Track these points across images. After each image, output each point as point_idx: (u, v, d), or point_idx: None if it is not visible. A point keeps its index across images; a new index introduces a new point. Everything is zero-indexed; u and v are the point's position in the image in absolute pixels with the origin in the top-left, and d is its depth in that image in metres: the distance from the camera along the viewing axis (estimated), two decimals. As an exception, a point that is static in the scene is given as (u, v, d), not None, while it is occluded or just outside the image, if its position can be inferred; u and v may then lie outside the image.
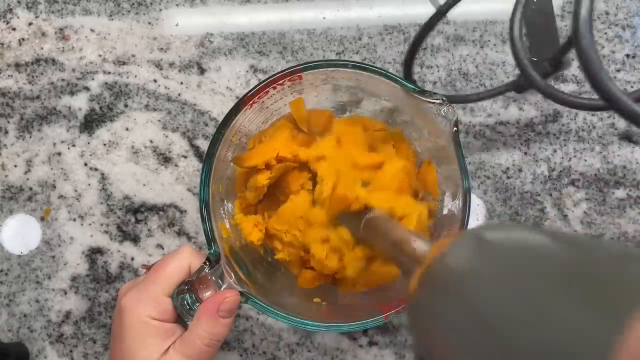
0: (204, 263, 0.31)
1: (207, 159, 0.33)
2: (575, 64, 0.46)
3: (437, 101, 0.32)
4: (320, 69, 0.33)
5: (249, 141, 0.37)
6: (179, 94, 0.44)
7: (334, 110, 0.38)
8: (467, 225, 0.33)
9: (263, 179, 0.34)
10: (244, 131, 0.36)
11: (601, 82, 0.21)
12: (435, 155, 0.37)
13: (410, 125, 0.37)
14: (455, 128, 0.32)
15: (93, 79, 0.44)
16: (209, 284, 0.30)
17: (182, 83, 0.44)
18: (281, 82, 0.33)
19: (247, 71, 0.44)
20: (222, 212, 0.36)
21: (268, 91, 0.33)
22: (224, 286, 0.31)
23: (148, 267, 0.33)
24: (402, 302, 0.32)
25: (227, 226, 0.36)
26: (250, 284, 0.32)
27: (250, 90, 0.33)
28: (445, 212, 0.36)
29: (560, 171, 0.44)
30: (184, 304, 0.30)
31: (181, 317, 0.31)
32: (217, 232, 0.33)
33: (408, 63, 0.38)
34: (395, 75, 0.33)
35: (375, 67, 0.33)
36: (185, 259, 0.31)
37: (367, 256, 0.34)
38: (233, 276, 0.31)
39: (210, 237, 0.32)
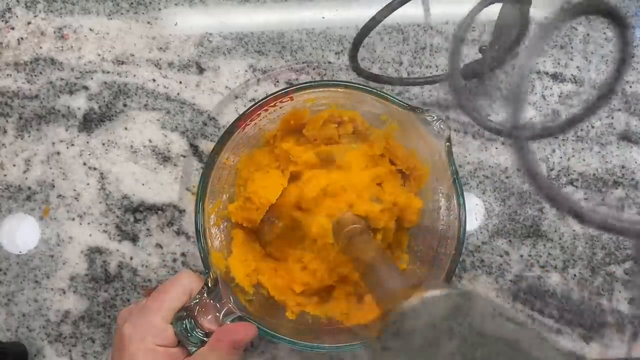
0: (203, 287, 0.31)
1: (201, 182, 0.32)
2: (574, 63, 0.46)
3: (430, 118, 0.32)
4: (311, 89, 0.33)
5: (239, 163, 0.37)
6: (178, 94, 0.44)
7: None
8: (463, 239, 0.33)
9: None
10: (237, 152, 0.36)
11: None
12: (430, 160, 0.37)
13: (404, 135, 0.38)
14: (448, 143, 0.33)
15: (92, 79, 0.44)
16: (208, 308, 0.30)
17: (181, 82, 0.44)
18: (272, 104, 0.33)
19: (246, 71, 0.44)
20: None
21: (260, 113, 0.33)
22: (223, 310, 0.31)
23: (148, 292, 0.33)
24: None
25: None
26: (248, 306, 0.32)
27: (242, 114, 0.33)
28: (442, 211, 0.36)
29: (559, 171, 0.45)
30: (183, 330, 0.30)
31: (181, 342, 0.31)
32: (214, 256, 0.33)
33: (353, 54, 0.36)
34: (387, 94, 0.33)
35: (367, 87, 0.33)
36: (186, 285, 0.31)
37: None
38: (232, 300, 0.31)
39: (208, 263, 0.32)
